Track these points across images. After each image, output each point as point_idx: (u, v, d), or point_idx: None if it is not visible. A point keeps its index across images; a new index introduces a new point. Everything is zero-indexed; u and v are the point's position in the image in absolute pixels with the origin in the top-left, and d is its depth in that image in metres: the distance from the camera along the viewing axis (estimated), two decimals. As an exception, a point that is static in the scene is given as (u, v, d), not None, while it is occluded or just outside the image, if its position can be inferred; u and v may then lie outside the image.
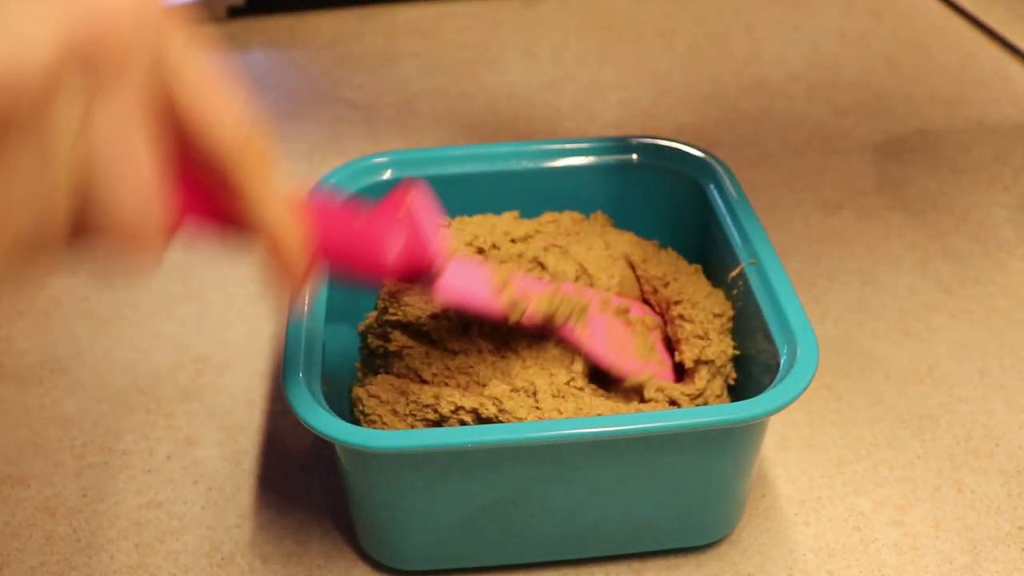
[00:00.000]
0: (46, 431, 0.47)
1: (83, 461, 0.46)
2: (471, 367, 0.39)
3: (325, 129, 0.70)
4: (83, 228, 0.25)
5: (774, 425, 0.47)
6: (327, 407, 0.35)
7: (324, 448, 0.46)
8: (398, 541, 0.39)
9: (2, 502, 0.44)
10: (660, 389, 0.40)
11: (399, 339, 0.40)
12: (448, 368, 0.39)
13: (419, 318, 0.40)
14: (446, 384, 0.39)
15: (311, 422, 0.34)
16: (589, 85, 0.75)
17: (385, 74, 0.77)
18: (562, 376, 0.39)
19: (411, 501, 0.37)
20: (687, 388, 0.41)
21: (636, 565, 0.41)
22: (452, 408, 0.38)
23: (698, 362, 0.41)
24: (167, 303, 0.55)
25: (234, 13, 0.85)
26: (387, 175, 0.47)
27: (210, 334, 0.53)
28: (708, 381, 0.41)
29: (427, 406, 0.38)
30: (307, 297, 0.39)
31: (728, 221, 0.44)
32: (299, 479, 0.45)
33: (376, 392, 0.39)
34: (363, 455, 0.35)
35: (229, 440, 0.47)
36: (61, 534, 0.43)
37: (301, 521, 0.43)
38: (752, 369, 0.41)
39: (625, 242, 0.45)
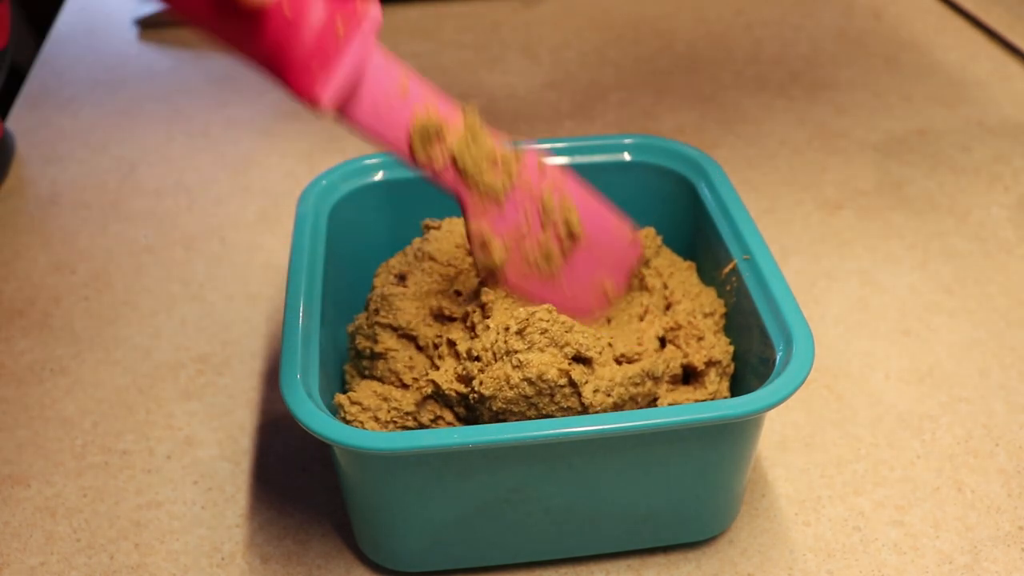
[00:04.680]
0: (46, 431, 0.47)
1: (83, 461, 0.46)
2: None
3: (325, 129, 0.70)
4: None
5: (774, 425, 0.47)
6: (324, 408, 0.35)
7: (323, 448, 0.46)
8: (395, 542, 0.39)
9: (2, 502, 0.44)
10: (673, 404, 0.40)
11: (386, 341, 0.40)
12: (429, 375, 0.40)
13: (409, 322, 0.40)
14: (423, 391, 0.39)
15: (307, 423, 0.34)
16: (589, 85, 0.75)
17: (385, 74, 0.77)
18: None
19: (407, 502, 0.37)
20: (699, 394, 0.41)
21: (636, 564, 0.41)
22: (432, 417, 0.38)
23: (708, 363, 0.41)
24: (167, 303, 0.55)
25: (234, 13, 0.85)
26: (379, 176, 0.47)
27: (210, 334, 0.53)
28: (718, 384, 0.41)
29: (407, 414, 0.38)
30: (303, 299, 0.39)
31: (720, 218, 0.44)
32: (299, 479, 0.45)
33: (358, 399, 0.39)
34: (359, 456, 0.35)
35: (229, 440, 0.47)
36: (61, 534, 0.43)
37: (301, 521, 0.43)
38: (747, 365, 0.41)
39: None
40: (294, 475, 0.45)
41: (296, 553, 0.42)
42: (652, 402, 0.40)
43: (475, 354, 0.37)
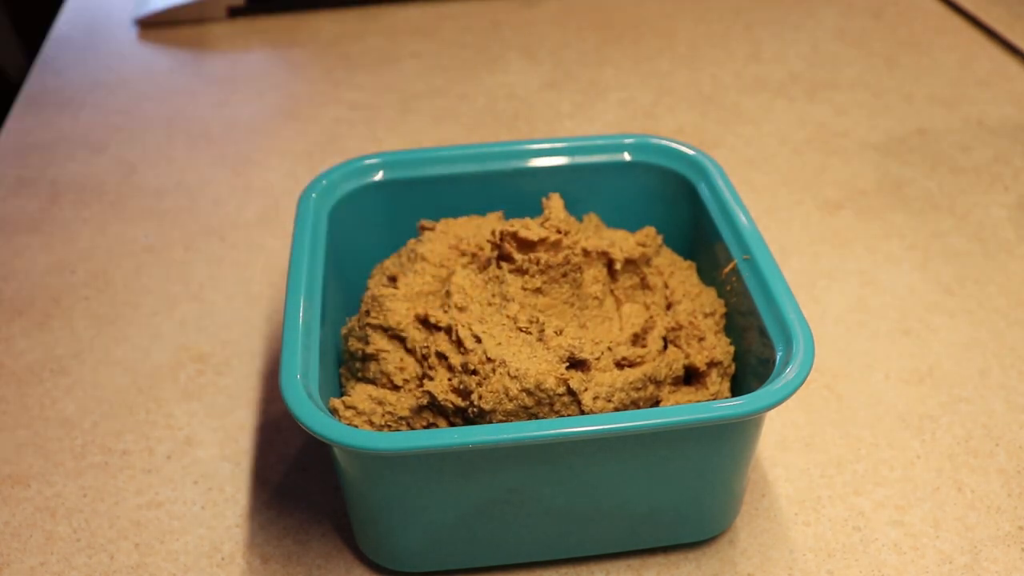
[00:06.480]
0: (46, 431, 0.47)
1: (83, 461, 0.46)
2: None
3: (325, 129, 0.70)
4: None
5: (774, 425, 0.47)
6: (324, 408, 0.35)
7: (323, 448, 0.46)
8: (395, 542, 0.39)
9: (2, 502, 0.44)
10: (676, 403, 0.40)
11: (377, 342, 0.40)
12: (419, 378, 0.40)
13: (399, 323, 0.40)
14: (414, 393, 0.39)
15: (308, 423, 0.34)
16: (589, 85, 0.75)
17: (385, 74, 0.77)
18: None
19: (407, 502, 0.37)
20: (701, 395, 0.41)
21: (636, 564, 0.41)
22: (425, 424, 0.38)
23: (710, 364, 0.41)
24: (167, 303, 0.55)
25: (234, 13, 0.85)
26: (379, 176, 0.47)
27: (210, 334, 0.53)
28: (719, 385, 0.41)
29: (402, 419, 0.38)
30: (303, 299, 0.39)
31: (720, 218, 0.44)
32: (299, 479, 0.45)
33: (352, 403, 0.39)
34: (359, 456, 0.35)
35: (229, 440, 0.47)
36: (61, 534, 0.43)
37: (301, 521, 0.43)
38: (747, 365, 0.41)
39: (619, 239, 0.45)
40: (294, 475, 0.45)
41: (296, 553, 0.42)
42: (654, 404, 0.40)
43: (472, 367, 0.37)
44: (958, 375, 0.49)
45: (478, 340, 0.38)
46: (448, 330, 0.39)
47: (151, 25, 0.84)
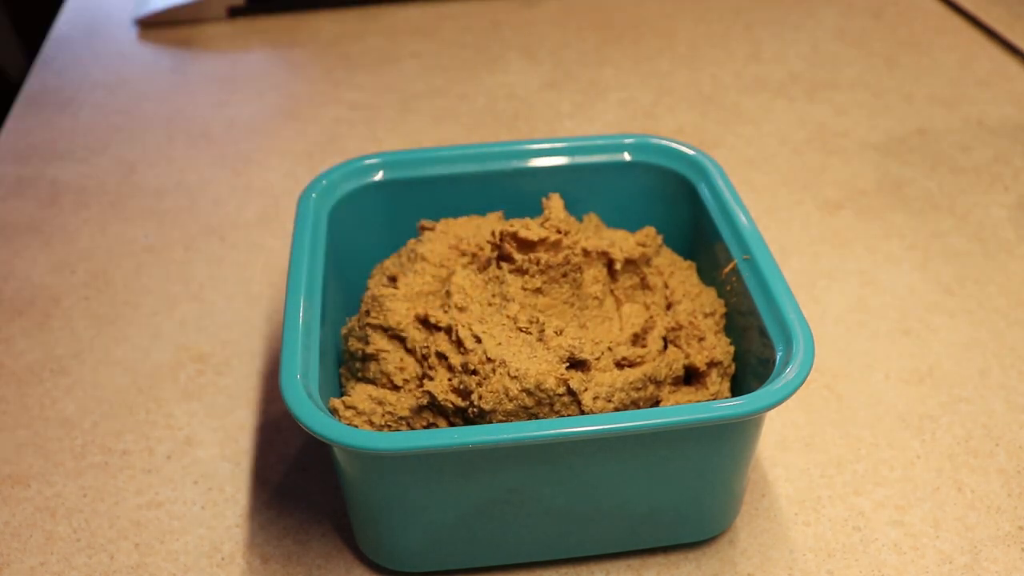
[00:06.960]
0: (46, 431, 0.47)
1: (83, 461, 0.46)
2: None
3: (325, 129, 0.70)
4: None
5: (774, 425, 0.47)
6: (324, 408, 0.35)
7: (323, 448, 0.46)
8: (395, 542, 0.39)
9: (2, 502, 0.44)
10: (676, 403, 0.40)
11: (377, 342, 0.40)
12: (419, 378, 0.40)
13: (399, 323, 0.40)
14: (414, 393, 0.39)
15: (308, 423, 0.34)
16: (589, 85, 0.75)
17: (385, 74, 0.77)
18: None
19: (407, 502, 0.37)
20: (701, 395, 0.41)
21: (636, 564, 0.41)
22: (425, 424, 0.38)
23: (710, 364, 0.41)
24: (167, 303, 0.55)
25: (234, 13, 0.85)
26: (379, 176, 0.47)
27: (210, 334, 0.53)
28: (719, 385, 0.41)
29: (402, 419, 0.38)
30: (303, 299, 0.39)
31: (720, 218, 0.44)
32: (299, 479, 0.45)
33: (353, 403, 0.39)
34: (359, 456, 0.35)
35: (229, 440, 0.47)
36: (61, 534, 0.43)
37: (301, 521, 0.43)
38: (747, 365, 0.41)
39: (619, 239, 0.45)
40: (294, 475, 0.45)
41: (296, 553, 0.42)
42: (654, 404, 0.40)
43: (472, 367, 0.37)
44: (958, 375, 0.49)
45: (478, 340, 0.38)
46: (448, 330, 0.39)
47: (151, 25, 0.84)
